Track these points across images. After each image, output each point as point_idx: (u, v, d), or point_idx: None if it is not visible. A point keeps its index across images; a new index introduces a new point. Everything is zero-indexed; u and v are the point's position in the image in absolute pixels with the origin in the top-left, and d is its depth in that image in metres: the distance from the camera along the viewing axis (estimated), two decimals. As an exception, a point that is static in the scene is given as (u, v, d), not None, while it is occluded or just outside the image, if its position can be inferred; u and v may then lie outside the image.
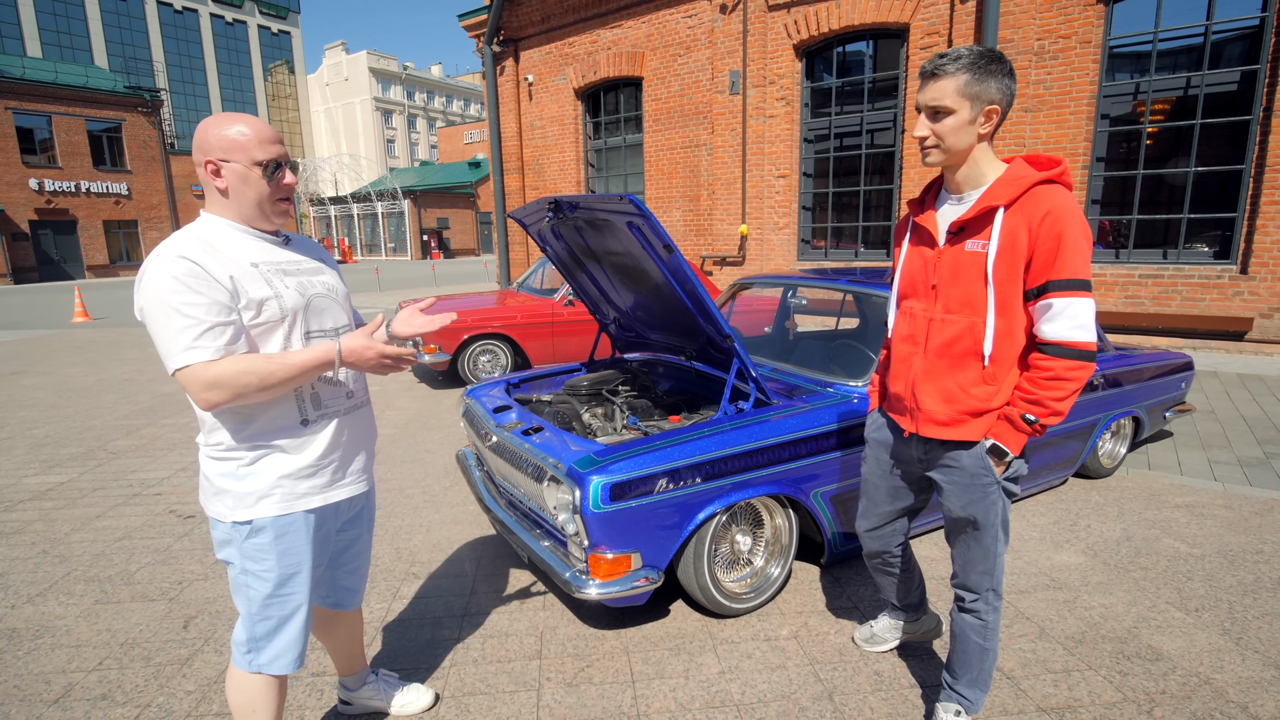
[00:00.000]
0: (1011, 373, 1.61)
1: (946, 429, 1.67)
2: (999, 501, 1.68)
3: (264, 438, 1.45)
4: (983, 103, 1.51)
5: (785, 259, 9.36)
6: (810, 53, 8.82)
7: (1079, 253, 1.47)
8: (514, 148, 12.22)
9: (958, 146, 1.56)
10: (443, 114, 71.78)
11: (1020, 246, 1.51)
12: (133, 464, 4.42)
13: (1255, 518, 3.30)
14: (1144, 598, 2.60)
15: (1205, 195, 6.75)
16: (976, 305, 1.59)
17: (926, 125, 1.56)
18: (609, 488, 2.13)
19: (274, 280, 1.45)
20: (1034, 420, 1.55)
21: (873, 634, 2.29)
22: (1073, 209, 1.49)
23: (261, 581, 1.48)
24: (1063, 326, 1.49)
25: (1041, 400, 1.53)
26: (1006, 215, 1.53)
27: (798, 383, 2.92)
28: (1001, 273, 1.53)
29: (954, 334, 1.63)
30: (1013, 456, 1.62)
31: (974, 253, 1.57)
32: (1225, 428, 4.69)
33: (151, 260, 1.36)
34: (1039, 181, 1.52)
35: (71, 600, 2.72)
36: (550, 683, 2.15)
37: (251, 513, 1.44)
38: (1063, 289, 1.48)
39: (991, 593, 1.77)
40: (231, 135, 1.40)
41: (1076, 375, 1.50)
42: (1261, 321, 6.43)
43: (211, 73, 52.60)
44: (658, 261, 2.49)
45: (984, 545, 1.72)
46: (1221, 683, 2.10)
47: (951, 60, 1.50)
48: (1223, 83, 6.49)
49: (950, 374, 1.65)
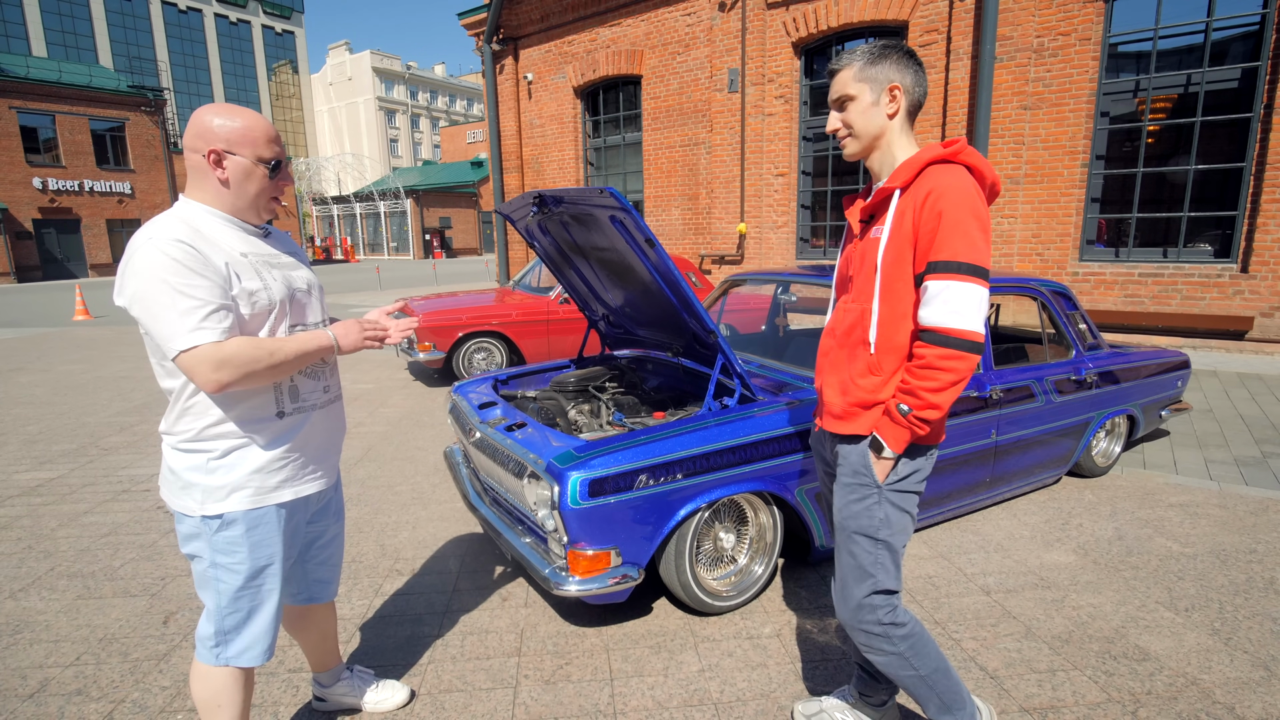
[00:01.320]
0: (900, 364, 1.53)
1: (839, 422, 1.60)
2: (878, 510, 1.54)
3: (237, 430, 1.43)
4: (881, 84, 1.50)
5: (784, 257, 9.33)
6: (809, 50, 8.79)
7: (961, 233, 1.38)
8: (513, 146, 12.21)
9: (868, 130, 1.53)
10: (445, 113, 71.89)
11: (907, 230, 1.46)
12: (123, 460, 4.41)
13: (1250, 517, 3.27)
14: (1133, 597, 2.56)
15: (1206, 193, 6.70)
16: (868, 292, 1.54)
17: (836, 118, 1.56)
18: (588, 483, 2.11)
19: (262, 272, 1.44)
20: (907, 410, 1.44)
21: (820, 709, 1.88)
22: (958, 187, 1.40)
23: (232, 574, 1.46)
24: (936, 311, 1.40)
25: (915, 390, 1.43)
26: (901, 199, 1.48)
27: (786, 379, 2.89)
28: (889, 257, 1.48)
29: (850, 322, 1.59)
30: (893, 455, 1.49)
31: (874, 239, 1.54)
32: (1223, 427, 4.64)
33: (142, 244, 1.32)
34: (930, 161, 1.46)
35: (54, 596, 2.71)
36: (528, 680, 2.12)
37: (222, 506, 1.42)
38: (940, 271, 1.40)
39: (881, 625, 1.56)
40: (240, 128, 1.40)
41: (950, 365, 1.39)
42: (1262, 320, 6.38)
43: (215, 72, 52.78)
44: (641, 256, 2.47)
45: (857, 560, 1.56)
46: (1209, 683, 2.06)
47: (847, 55, 1.54)
48: (1223, 80, 6.44)
49: (847, 364, 1.59)
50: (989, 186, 1.49)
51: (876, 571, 1.56)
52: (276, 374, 1.41)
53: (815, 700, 1.93)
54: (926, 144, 1.52)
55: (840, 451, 1.62)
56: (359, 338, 1.56)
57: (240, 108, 1.45)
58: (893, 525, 1.55)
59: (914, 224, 1.45)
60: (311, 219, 43.93)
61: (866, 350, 1.54)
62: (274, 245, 1.56)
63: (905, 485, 1.55)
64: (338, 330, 1.55)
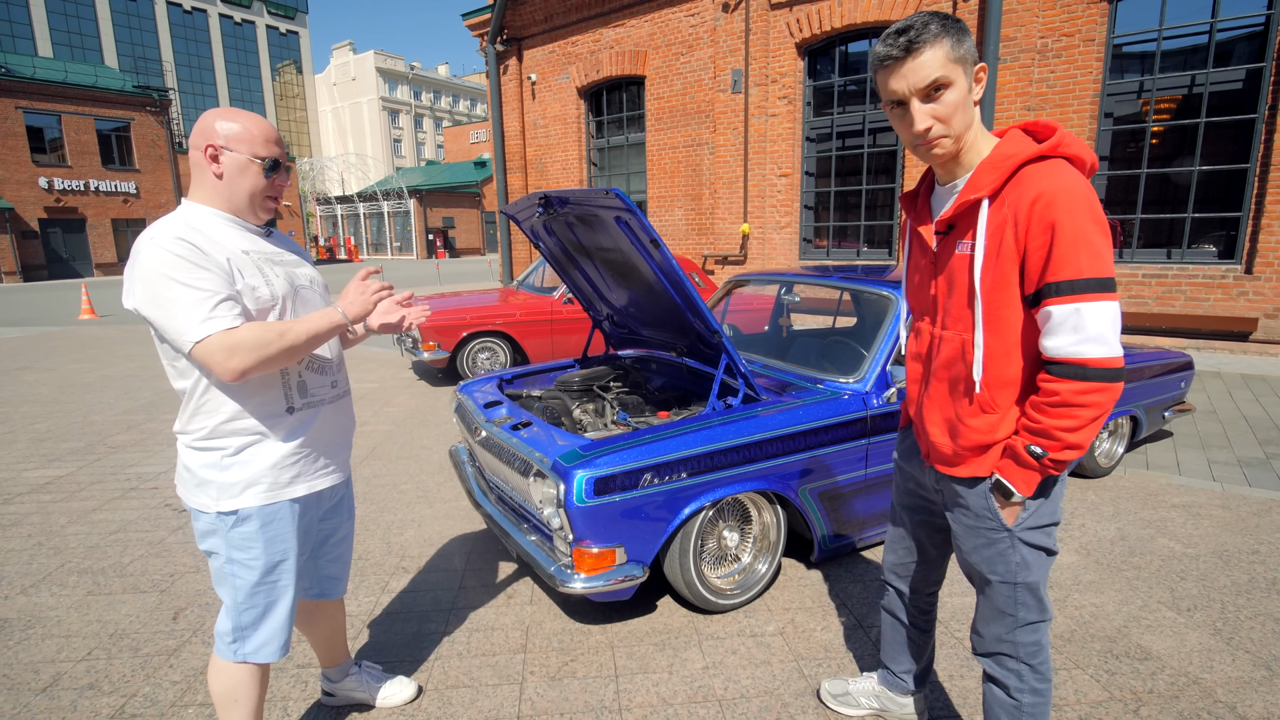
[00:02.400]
0: (1014, 397, 1.33)
1: (952, 468, 1.42)
2: (1012, 554, 1.37)
3: (249, 427, 1.46)
4: (971, 63, 1.25)
5: (787, 258, 9.34)
6: (812, 51, 8.80)
7: (1083, 244, 1.17)
8: (517, 147, 12.24)
9: (965, 124, 1.27)
10: (449, 113, 72.01)
11: (1009, 247, 1.23)
12: (131, 458, 4.45)
13: (1253, 518, 3.27)
14: (1136, 597, 2.58)
15: (1210, 194, 6.70)
16: (966, 320, 1.33)
17: (926, 112, 1.25)
18: (593, 482, 2.13)
19: (264, 268, 1.46)
20: (1041, 454, 1.25)
21: (846, 691, 1.92)
22: (1071, 190, 1.19)
23: (248, 570, 1.48)
24: (1065, 340, 1.20)
25: (1049, 430, 1.23)
26: (992, 208, 1.25)
27: (789, 379, 2.91)
28: (989, 280, 1.27)
29: (949, 354, 1.39)
30: (1022, 498, 1.31)
31: (962, 255, 1.32)
32: (1226, 428, 4.64)
33: (145, 245, 1.34)
34: (1025, 160, 1.23)
35: (64, 592, 2.74)
36: (534, 676, 2.15)
37: (237, 503, 1.45)
38: (1062, 293, 1.19)
39: (1020, 664, 1.43)
40: (238, 127, 1.42)
41: (1090, 401, 1.19)
42: (1266, 322, 6.37)
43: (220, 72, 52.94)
44: (646, 257, 2.48)
45: (996, 605, 1.43)
46: (1210, 682, 2.07)
47: (921, 28, 1.21)
48: (1227, 81, 6.44)
49: (951, 401, 1.41)
50: (1089, 171, 1.27)
51: (1017, 611, 1.41)
52: (291, 355, 1.41)
53: (841, 681, 1.99)
54: (1006, 132, 1.30)
55: (962, 494, 1.42)
56: (367, 298, 1.51)
57: (245, 111, 1.48)
58: (1031, 567, 1.38)
59: (1018, 239, 1.23)
60: (315, 219, 44.06)
61: (972, 387, 1.34)
62: (276, 244, 1.58)
63: (1038, 522, 1.36)
64: (341, 301, 1.51)
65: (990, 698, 1.50)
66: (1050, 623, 1.44)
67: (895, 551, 1.76)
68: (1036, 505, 1.34)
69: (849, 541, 2.80)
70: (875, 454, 2.70)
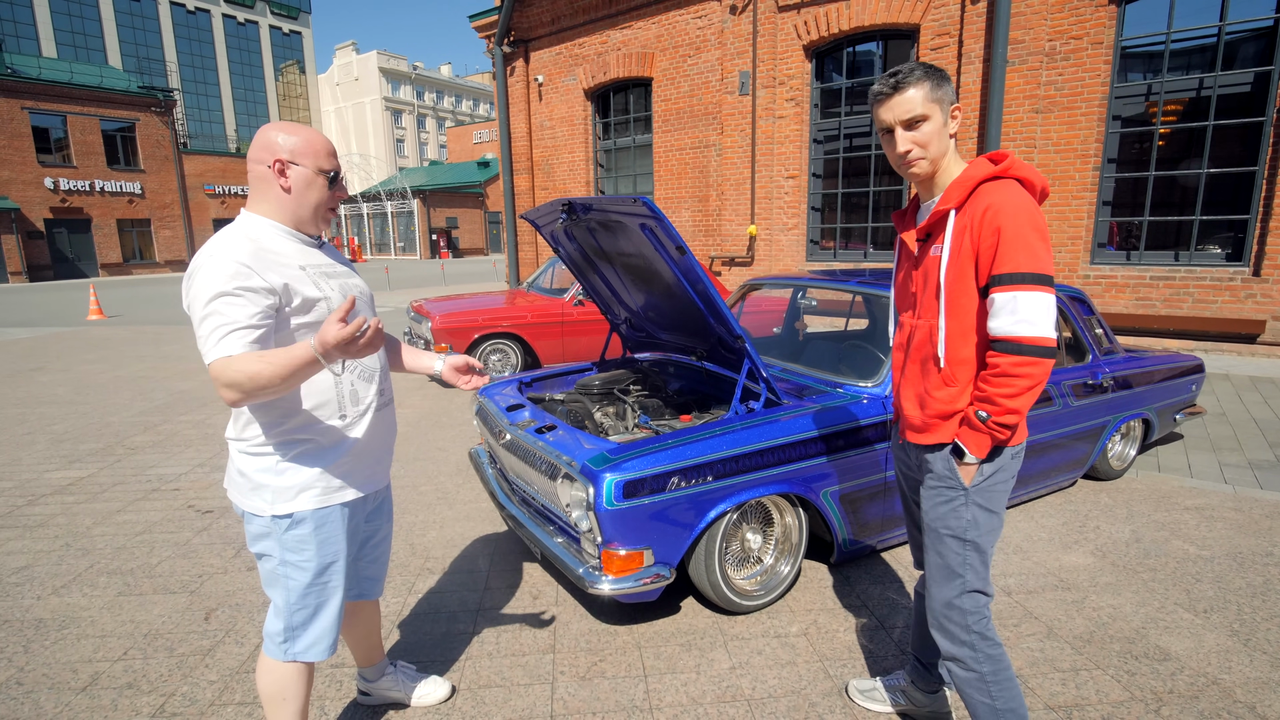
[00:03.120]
0: (972, 373, 1.58)
1: (920, 434, 1.66)
2: (964, 511, 1.59)
3: (302, 432, 1.50)
4: (947, 104, 1.55)
5: (794, 260, 9.37)
6: (820, 53, 8.83)
7: (1021, 245, 1.44)
8: (524, 148, 12.28)
9: (939, 151, 1.57)
10: (452, 114, 72.07)
11: (967, 248, 1.51)
12: (151, 460, 4.50)
13: (1265, 520, 3.31)
14: (1152, 599, 2.61)
15: (1218, 197, 6.72)
16: (934, 309, 1.60)
17: (908, 138, 1.56)
18: (622, 485, 2.17)
19: (321, 283, 1.51)
20: (986, 417, 1.50)
21: (874, 687, 2.05)
22: (1013, 202, 1.46)
23: (301, 572, 1.53)
24: (1005, 321, 1.46)
25: (992, 397, 1.48)
26: (957, 218, 1.54)
27: (807, 383, 2.95)
28: (951, 274, 1.54)
29: (921, 339, 1.65)
30: (976, 460, 1.54)
31: (934, 257, 1.60)
32: (1236, 430, 4.67)
33: (205, 259, 1.39)
34: (983, 180, 1.51)
35: (95, 592, 2.78)
36: (564, 676, 2.19)
37: (291, 506, 1.49)
38: (1004, 283, 1.46)
39: (970, 633, 1.59)
40: (301, 141, 1.47)
41: (1024, 372, 1.44)
42: (1274, 324, 6.40)
43: (223, 72, 53.02)
44: (670, 263, 2.52)
45: (947, 562, 1.62)
46: (1229, 683, 2.11)
47: (908, 73, 1.53)
48: (1236, 84, 6.46)
49: (921, 379, 1.65)
50: (1039, 193, 1.54)
51: (965, 572, 1.60)
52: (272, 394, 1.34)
53: (870, 679, 2.08)
54: (973, 160, 1.57)
55: (926, 459, 1.66)
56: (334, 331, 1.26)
57: (303, 125, 1.52)
58: (980, 526, 1.59)
59: (973, 242, 1.50)
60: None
61: (937, 365, 1.60)
62: (328, 255, 1.63)
63: (991, 486, 1.58)
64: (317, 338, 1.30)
65: (957, 679, 1.65)
66: (991, 600, 1.63)
67: (914, 540, 1.90)
68: (991, 470, 1.58)
69: (868, 544, 2.84)
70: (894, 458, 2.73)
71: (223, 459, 4.47)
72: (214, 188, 30.49)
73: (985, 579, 1.61)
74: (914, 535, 1.89)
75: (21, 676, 2.24)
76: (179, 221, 29.31)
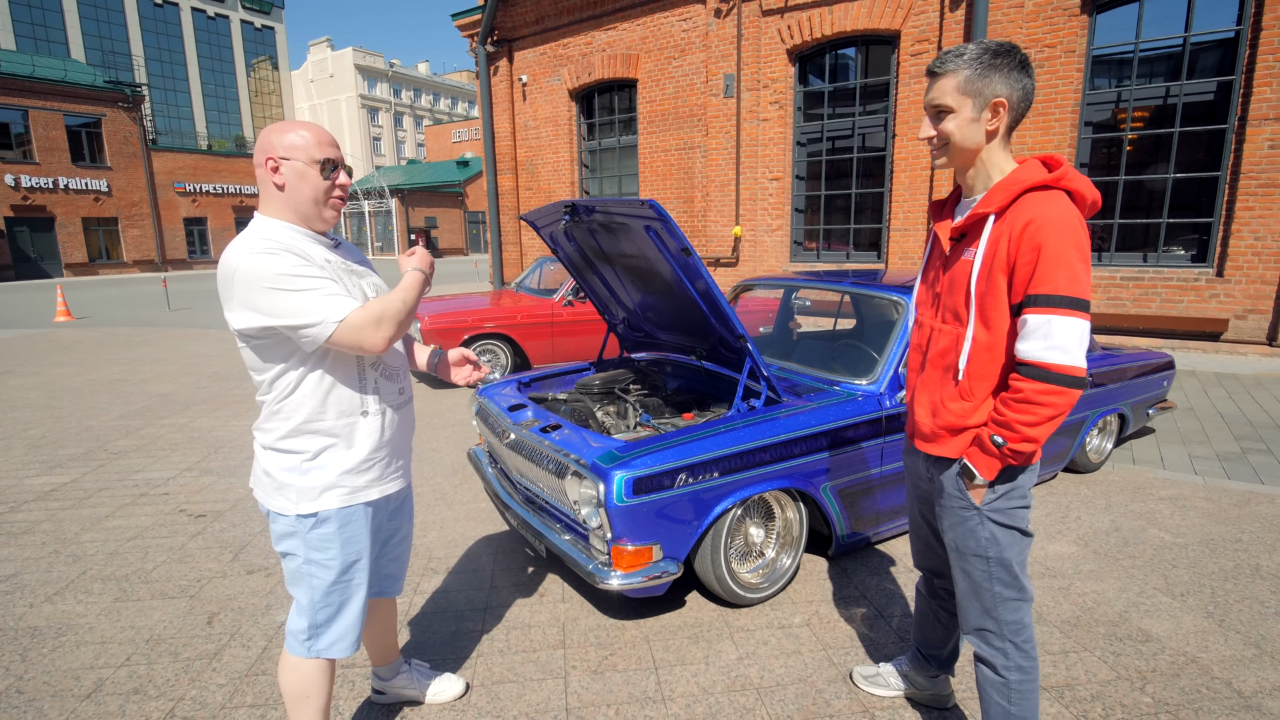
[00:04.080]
0: (990, 390, 1.51)
1: (927, 444, 1.61)
2: (980, 530, 1.53)
3: (326, 430, 1.52)
4: (985, 98, 1.43)
5: (778, 260, 9.50)
6: (803, 57, 8.96)
7: (1062, 266, 1.35)
8: (508, 148, 12.25)
9: (965, 145, 1.47)
10: (430, 112, 71.34)
11: (1002, 257, 1.42)
12: (135, 464, 4.43)
13: (1234, 509, 3.47)
14: (1133, 584, 2.73)
15: (1183, 200, 6.98)
16: (962, 316, 1.51)
17: (930, 126, 1.49)
18: (632, 482, 2.22)
19: (344, 279, 1.53)
20: (1002, 443, 1.43)
21: (877, 673, 2.10)
22: (1060, 219, 1.36)
23: (325, 570, 1.55)
24: (1036, 345, 1.38)
25: (1010, 423, 1.41)
26: (996, 224, 1.44)
27: (805, 381, 3.03)
28: (984, 283, 1.45)
29: (945, 345, 1.57)
30: (984, 481, 1.49)
31: (966, 261, 1.50)
32: (1204, 424, 4.87)
33: (243, 261, 1.39)
34: (1030, 188, 1.41)
35: (90, 599, 2.75)
36: (576, 670, 2.23)
37: (316, 505, 1.51)
38: (1039, 305, 1.37)
39: (1005, 642, 1.56)
40: (293, 136, 1.49)
41: (1048, 401, 1.37)
42: (1236, 323, 6.66)
43: (193, 67, 51.77)
44: (674, 265, 2.57)
45: (972, 579, 1.57)
46: (1207, 661, 2.23)
47: (954, 57, 1.43)
48: (1200, 92, 6.71)
49: (938, 386, 1.59)
50: (1089, 206, 1.45)
51: (993, 585, 1.55)
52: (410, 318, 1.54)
53: (873, 666, 2.15)
54: (1025, 161, 1.46)
55: (938, 479, 1.62)
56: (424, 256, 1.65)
57: (300, 121, 1.54)
58: (1000, 543, 1.53)
59: (1010, 254, 1.40)
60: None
61: (955, 376, 1.53)
62: (345, 255, 1.65)
63: (1006, 504, 1.52)
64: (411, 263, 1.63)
65: (981, 677, 1.64)
66: (1031, 604, 1.57)
67: (916, 539, 1.90)
68: (1004, 489, 1.52)
69: (864, 536, 2.92)
70: (889, 453, 2.82)
71: (212, 462, 4.42)
72: (185, 185, 29.78)
73: (1019, 586, 1.54)
74: (917, 536, 1.88)
75: (21, 685, 2.21)
76: (148, 220, 28.59)
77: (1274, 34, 6.12)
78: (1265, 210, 6.38)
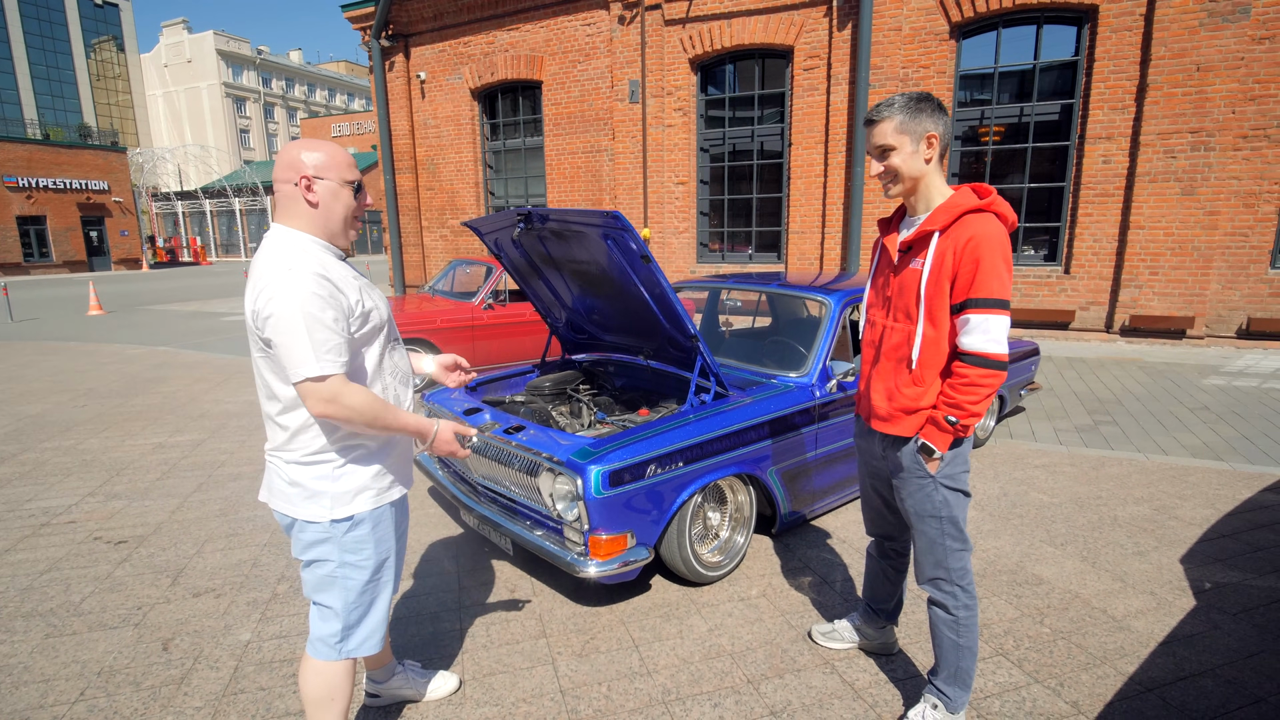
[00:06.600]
0: (937, 376, 1.81)
1: (886, 424, 1.88)
2: (936, 496, 1.83)
3: (353, 441, 1.57)
4: (919, 134, 1.74)
5: (685, 262, 9.88)
6: (705, 67, 9.38)
7: (995, 275, 1.66)
8: (406, 146, 11.87)
9: (911, 174, 1.78)
10: (304, 104, 66.77)
11: (947, 267, 1.71)
12: (24, 493, 4.01)
13: (1093, 471, 4.12)
14: (1024, 539, 3.22)
15: (1036, 207, 8.01)
16: (913, 315, 1.80)
17: (878, 164, 1.80)
18: (607, 475, 2.37)
19: (367, 292, 1.58)
20: (955, 421, 1.73)
21: (833, 629, 2.40)
22: (994, 236, 1.67)
23: (360, 571, 1.60)
24: (978, 339, 1.68)
25: (960, 404, 1.72)
26: (940, 239, 1.73)
27: (744, 376, 3.30)
28: (931, 288, 1.75)
29: (898, 340, 1.86)
30: (940, 454, 1.78)
31: (915, 269, 1.79)
32: (1062, 402, 5.68)
33: (283, 273, 1.43)
34: (969, 210, 1.72)
35: (15, 637, 2.54)
36: (562, 656, 2.36)
37: (350, 509, 1.56)
38: (979, 306, 1.67)
39: (953, 586, 1.87)
40: (324, 155, 1.54)
41: (989, 382, 1.69)
42: (1081, 313, 7.74)
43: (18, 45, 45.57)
44: (631, 271, 2.75)
45: (928, 537, 1.87)
46: (1086, 595, 2.70)
47: (886, 106, 1.75)
48: (1048, 113, 7.73)
49: (892, 375, 1.87)
50: (1009, 224, 1.76)
51: (946, 540, 1.86)
52: (367, 433, 1.56)
53: (828, 624, 2.44)
54: (959, 188, 1.78)
55: (898, 454, 1.89)
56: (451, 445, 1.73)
57: (322, 140, 1.59)
58: (951, 504, 1.84)
59: (954, 264, 1.72)
60: (150, 216, 39.23)
61: (909, 365, 1.83)
62: (353, 266, 1.70)
63: (954, 469, 1.84)
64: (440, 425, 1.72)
65: (934, 618, 1.94)
66: (970, 552, 1.90)
67: (868, 510, 2.20)
68: (950, 458, 1.84)
69: (802, 514, 3.24)
70: (823, 437, 3.15)
71: (117, 486, 4.09)
72: (17, 180, 26.21)
73: (964, 538, 1.87)
74: (869, 506, 2.18)
75: (-43, 734, 2.04)
76: (-33, 218, 24.94)
77: (1104, 64, 7.18)
78: (1101, 216, 7.47)
